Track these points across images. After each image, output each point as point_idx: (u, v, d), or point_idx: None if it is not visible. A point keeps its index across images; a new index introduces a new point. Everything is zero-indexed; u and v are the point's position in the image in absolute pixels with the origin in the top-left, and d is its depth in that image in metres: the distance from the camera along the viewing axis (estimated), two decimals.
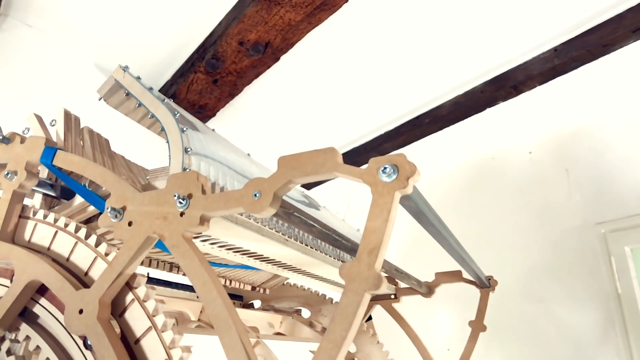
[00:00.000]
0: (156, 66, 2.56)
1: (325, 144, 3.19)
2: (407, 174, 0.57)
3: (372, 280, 0.55)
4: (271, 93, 2.72)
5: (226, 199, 0.65)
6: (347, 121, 2.94)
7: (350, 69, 2.48)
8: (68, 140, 0.95)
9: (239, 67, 2.35)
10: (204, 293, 0.63)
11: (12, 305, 0.75)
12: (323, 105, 2.79)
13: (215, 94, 2.55)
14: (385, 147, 2.98)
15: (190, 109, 2.64)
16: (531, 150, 2.65)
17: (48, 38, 2.31)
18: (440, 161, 3.08)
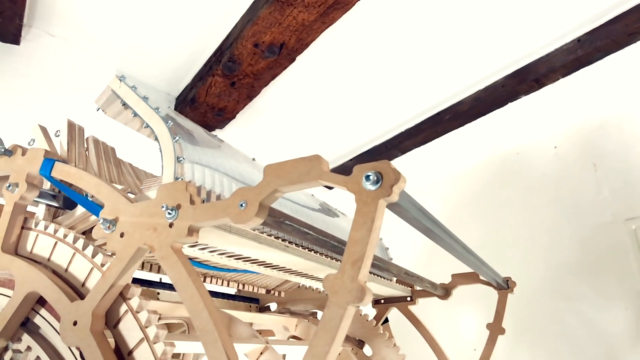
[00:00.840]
0: (176, 71, 2.59)
1: (345, 142, 3.17)
2: (391, 182, 0.55)
3: (356, 292, 0.53)
4: (289, 94, 2.71)
5: (213, 209, 0.64)
6: (367, 119, 2.91)
7: (367, 67, 2.45)
8: (72, 150, 0.96)
9: (256, 69, 2.35)
10: (191, 305, 0.62)
11: (13, 316, 0.76)
12: (342, 104, 2.77)
13: (234, 96, 2.56)
14: (406, 145, 2.94)
15: (210, 112, 2.66)
16: (556, 145, 2.57)
17: (70, 46, 2.36)
18: (462, 158, 3.02)
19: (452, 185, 3.12)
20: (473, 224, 2.88)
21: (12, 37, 2.17)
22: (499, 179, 2.84)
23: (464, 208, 2.99)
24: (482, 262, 1.10)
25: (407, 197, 0.63)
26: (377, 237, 0.55)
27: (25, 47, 2.23)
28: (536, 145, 2.67)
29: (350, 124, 2.97)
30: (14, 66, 2.17)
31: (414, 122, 2.84)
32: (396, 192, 0.55)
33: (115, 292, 0.69)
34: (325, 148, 3.27)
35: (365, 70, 2.48)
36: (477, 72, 2.41)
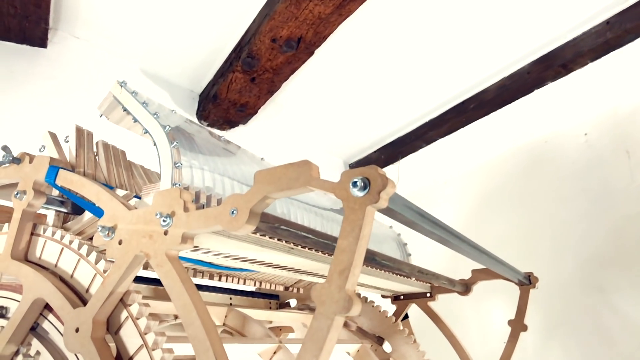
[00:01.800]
0: (198, 68, 2.62)
1: (369, 134, 3.14)
2: (379, 188, 0.53)
3: (343, 303, 0.52)
4: (310, 87, 2.70)
5: (206, 216, 0.64)
6: (390, 110, 2.88)
7: (388, 57, 2.42)
8: (80, 156, 0.97)
9: (274, 64, 2.34)
10: (184, 314, 0.62)
11: (22, 322, 0.77)
12: (364, 95, 2.75)
13: (255, 92, 2.57)
14: (430, 135, 2.90)
15: (232, 108, 2.67)
16: (587, 132, 2.47)
17: (95, 47, 2.41)
18: (488, 147, 2.94)
19: (477, 176, 3.05)
20: (500, 216, 2.82)
21: (39, 41, 2.22)
22: (527, 168, 2.76)
23: (490, 199, 2.92)
24: (497, 260, 1.06)
25: (400, 201, 0.61)
26: (365, 245, 0.54)
27: (52, 50, 2.28)
28: (565, 133, 2.58)
29: (373, 115, 2.95)
30: (42, 69, 2.22)
31: (438, 112, 2.79)
32: (384, 198, 0.53)
33: (115, 299, 0.70)
34: (349, 140, 3.25)
35: (385, 60, 2.45)
36: (502, 59, 2.35)
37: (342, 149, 3.38)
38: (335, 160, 3.45)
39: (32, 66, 2.19)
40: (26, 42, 2.20)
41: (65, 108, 2.19)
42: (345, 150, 3.38)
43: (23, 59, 2.18)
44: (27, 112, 2.08)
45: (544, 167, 2.67)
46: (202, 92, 2.76)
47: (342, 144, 3.32)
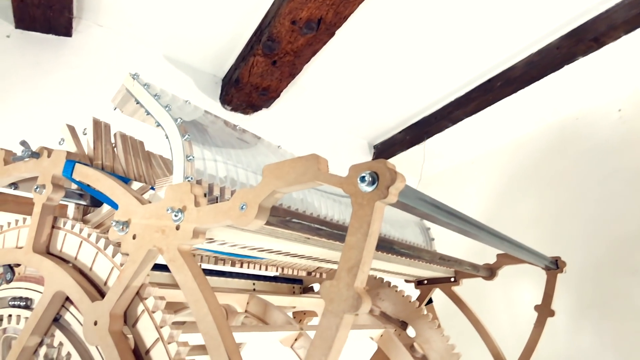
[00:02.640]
0: (220, 52, 2.61)
1: (393, 114, 3.09)
2: (387, 183, 0.51)
3: (352, 301, 0.51)
4: (332, 69, 2.67)
5: (216, 211, 0.63)
6: (415, 89, 2.82)
7: (411, 35, 2.36)
8: (98, 148, 0.98)
9: (295, 47, 2.32)
10: (196, 310, 0.62)
11: (44, 314, 0.79)
12: (387, 75, 2.70)
13: (276, 75, 2.55)
14: (456, 115, 2.83)
15: (255, 92, 2.67)
16: (621, 108, 2.38)
17: (118, 35, 2.43)
18: (517, 126, 2.87)
19: (506, 156, 2.98)
20: (529, 196, 2.75)
21: (64, 30, 2.25)
22: (557, 147, 2.68)
23: (519, 179, 2.86)
24: (521, 246, 1.03)
25: (413, 194, 0.59)
26: (375, 242, 0.52)
27: (77, 38, 2.30)
28: (598, 109, 2.49)
29: (397, 95, 2.90)
30: (67, 58, 2.25)
31: (464, 90, 2.72)
32: (394, 193, 0.52)
33: (131, 293, 0.71)
34: (373, 121, 3.21)
35: (408, 38, 2.39)
36: (530, 34, 2.26)
37: (367, 130, 3.34)
38: (359, 142, 3.42)
39: (57, 55, 2.22)
40: (51, 31, 2.23)
41: (91, 96, 2.22)
42: (370, 131, 3.34)
43: (49, 48, 2.21)
44: (54, 101, 2.12)
45: (575, 145, 2.59)
46: (225, 76, 2.76)
47: (366, 125, 3.28)
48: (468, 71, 2.58)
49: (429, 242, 1.48)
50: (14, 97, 2.02)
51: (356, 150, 3.38)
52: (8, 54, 2.08)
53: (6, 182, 0.97)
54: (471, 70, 2.56)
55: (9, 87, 2.03)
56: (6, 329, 0.90)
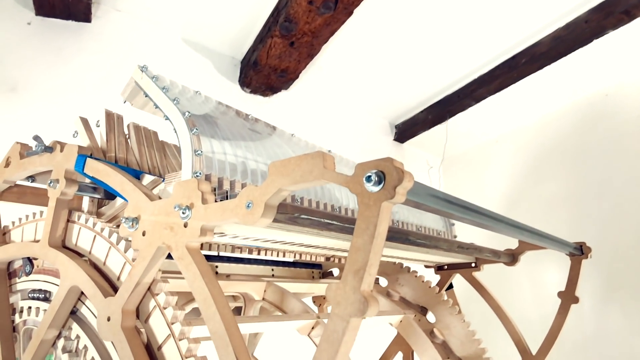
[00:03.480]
0: (238, 34, 2.59)
1: (415, 93, 3.04)
2: (394, 182, 0.49)
3: (358, 305, 0.49)
4: (351, 48, 2.62)
5: (222, 209, 0.62)
6: (436, 67, 2.76)
7: (432, 11, 2.29)
8: (111, 140, 0.98)
9: (313, 27, 2.28)
10: (204, 309, 0.61)
11: (60, 308, 0.80)
12: (407, 53, 2.64)
13: (294, 56, 2.51)
14: (480, 93, 2.76)
15: (273, 74, 2.64)
16: None
17: (137, 19, 2.42)
18: (543, 104, 2.78)
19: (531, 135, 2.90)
20: (555, 175, 2.68)
21: (83, 16, 2.25)
22: (586, 124, 2.59)
23: (545, 158, 2.78)
24: (543, 235, 1.00)
25: (424, 191, 0.57)
26: (382, 244, 0.51)
27: (96, 24, 2.31)
28: (628, 84, 2.39)
29: (418, 73, 2.83)
30: (87, 44, 2.26)
31: (487, 68, 2.65)
32: (401, 193, 0.50)
33: (142, 289, 0.71)
34: (394, 100, 3.16)
35: (429, 15, 2.32)
36: (556, 8, 2.17)
37: (388, 110, 3.29)
38: (381, 122, 3.37)
39: (78, 41, 2.23)
40: (71, 17, 2.23)
41: (113, 81, 2.23)
42: (391, 111, 3.29)
43: (69, 34, 2.21)
44: (77, 87, 2.13)
45: (604, 123, 2.50)
46: (243, 59, 2.74)
47: (387, 105, 3.23)
48: (491, 48, 2.50)
49: (449, 228, 1.45)
50: (36, 84, 2.04)
51: (377, 130, 3.34)
52: (29, 41, 2.09)
53: (22, 175, 0.97)
54: (495, 46, 2.48)
55: (31, 74, 2.05)
56: (26, 320, 0.92)
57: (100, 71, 2.23)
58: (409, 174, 0.50)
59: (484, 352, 1.36)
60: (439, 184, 3.34)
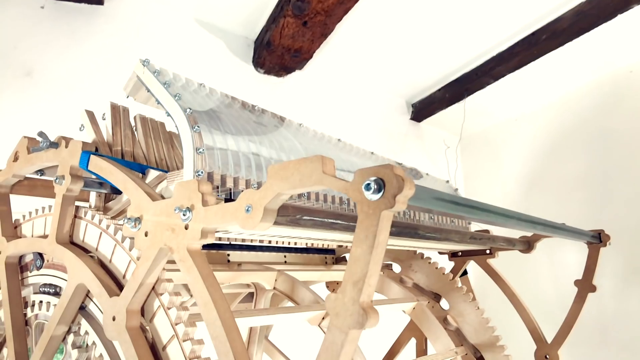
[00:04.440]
0: (251, 14, 2.55)
1: (432, 71, 2.97)
2: (394, 191, 0.47)
3: (357, 317, 0.48)
4: (366, 26, 2.56)
5: (223, 212, 0.61)
6: (454, 44, 2.68)
7: None
8: (117, 134, 0.97)
9: (326, 6, 2.23)
10: (205, 313, 0.61)
11: (68, 305, 0.81)
12: (424, 31, 2.57)
13: (308, 36, 2.47)
14: (498, 71, 2.69)
15: (287, 54, 2.61)
16: None
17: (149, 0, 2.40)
18: (564, 82, 2.69)
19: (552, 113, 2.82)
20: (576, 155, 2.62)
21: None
22: (609, 102, 2.51)
23: (566, 137, 2.71)
24: (557, 227, 0.97)
25: (428, 194, 0.55)
26: (382, 253, 0.49)
27: (109, 6, 2.29)
28: None
29: (435, 51, 2.77)
30: (101, 27, 2.25)
31: (506, 44, 2.57)
32: (402, 202, 0.48)
33: (146, 289, 0.70)
34: (411, 79, 3.10)
35: None
36: None
37: (404, 89, 3.23)
38: (397, 101, 3.32)
39: (91, 24, 2.22)
40: (84, 0, 2.22)
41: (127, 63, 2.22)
42: (408, 89, 3.23)
43: (82, 17, 2.21)
44: (91, 70, 2.13)
45: (628, 101, 2.42)
46: (257, 39, 2.70)
47: (403, 83, 3.17)
48: (511, 24, 2.42)
49: None
50: (51, 69, 2.04)
51: (393, 110, 3.29)
52: (43, 25, 2.09)
53: (31, 170, 0.97)
54: (514, 22, 2.40)
55: (45, 58, 2.05)
56: (38, 315, 0.93)
57: (114, 53, 2.22)
58: (409, 180, 0.48)
59: (498, 339, 1.35)
60: (456, 164, 3.29)
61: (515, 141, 3.03)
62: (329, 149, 1.06)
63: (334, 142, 1.15)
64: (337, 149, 1.12)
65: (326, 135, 1.14)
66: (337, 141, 1.17)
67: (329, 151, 1.04)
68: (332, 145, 1.12)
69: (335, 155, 1.05)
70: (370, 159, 1.24)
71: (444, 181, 1.51)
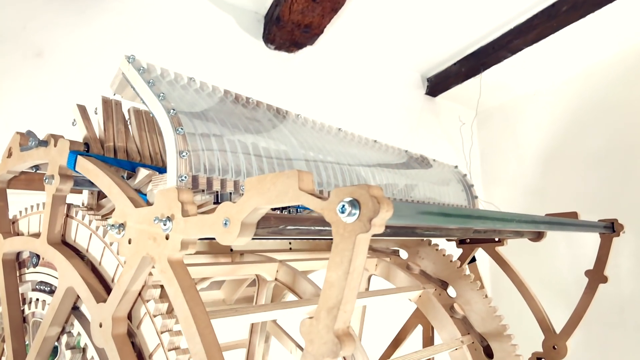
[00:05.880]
0: None
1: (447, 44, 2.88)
2: (370, 214, 0.44)
3: (331, 345, 0.46)
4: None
5: (201, 224, 0.59)
6: (470, 17, 2.58)
7: None
8: (109, 129, 0.95)
9: None
10: (185, 328, 0.59)
11: (60, 307, 0.80)
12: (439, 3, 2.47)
13: (318, 11, 2.40)
14: (516, 44, 2.59)
15: (297, 30, 2.55)
16: None
17: None
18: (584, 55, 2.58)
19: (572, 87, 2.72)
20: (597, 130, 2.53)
21: None
22: (631, 76, 2.40)
23: (587, 113, 2.61)
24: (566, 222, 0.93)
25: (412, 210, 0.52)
26: (358, 279, 0.46)
27: None
28: None
29: (450, 23, 2.67)
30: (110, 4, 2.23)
31: (525, 17, 2.46)
32: (378, 225, 0.45)
33: (132, 297, 0.69)
34: (426, 52, 3.00)
35: None
36: None
37: (419, 63, 3.14)
38: (412, 75, 3.23)
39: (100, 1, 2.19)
40: None
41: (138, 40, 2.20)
42: (423, 63, 3.14)
43: None
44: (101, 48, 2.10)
45: None
46: (266, 14, 2.64)
47: (418, 57, 3.08)
48: None
49: (472, 201, 1.39)
50: (61, 48, 2.02)
51: (408, 84, 3.21)
52: (52, 4, 2.06)
53: (24, 166, 0.96)
54: None
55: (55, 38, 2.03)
56: (35, 312, 0.93)
57: (124, 31, 2.19)
58: (387, 202, 0.45)
59: (505, 329, 1.33)
60: (471, 141, 3.21)
61: (533, 117, 2.94)
62: (328, 142, 1.02)
63: (334, 133, 1.11)
64: (337, 140, 1.08)
65: (326, 126, 1.10)
66: (338, 131, 1.13)
67: (327, 144, 1.00)
68: (332, 137, 1.08)
69: (334, 148, 1.01)
70: (373, 148, 1.20)
71: (452, 167, 1.46)
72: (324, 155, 0.97)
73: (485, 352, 1.37)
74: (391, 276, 1.46)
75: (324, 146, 0.98)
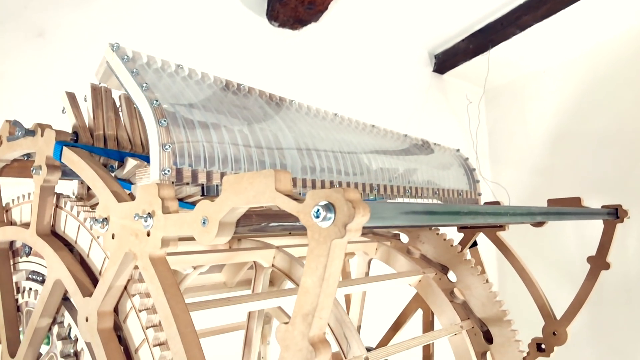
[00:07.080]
0: None
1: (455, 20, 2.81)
2: (345, 220, 0.42)
3: (306, 352, 0.45)
4: None
5: (180, 222, 0.58)
6: None
7: None
8: (98, 117, 0.93)
9: None
10: (166, 326, 0.59)
11: (49, 299, 0.80)
12: None
13: None
14: (525, 20, 2.52)
15: (301, 6, 2.51)
16: None
17: None
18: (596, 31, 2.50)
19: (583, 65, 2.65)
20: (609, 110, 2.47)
21: None
22: None
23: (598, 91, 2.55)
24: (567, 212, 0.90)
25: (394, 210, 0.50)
26: (334, 285, 0.45)
27: None
28: None
29: None
30: None
31: None
32: (354, 230, 0.43)
33: (116, 291, 0.68)
34: (433, 28, 2.94)
35: None
36: None
37: (426, 39, 3.07)
38: (419, 52, 3.17)
39: None
40: None
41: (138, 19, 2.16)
42: (430, 40, 3.08)
43: None
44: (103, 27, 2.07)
45: None
46: None
47: (425, 33, 3.01)
48: None
49: (473, 185, 1.36)
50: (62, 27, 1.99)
51: (415, 61, 3.15)
52: None
53: (14, 155, 0.96)
54: None
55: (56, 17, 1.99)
56: (28, 302, 0.93)
57: (126, 9, 2.15)
58: (363, 206, 0.43)
59: (505, 314, 1.32)
60: (478, 120, 3.16)
61: (542, 95, 2.87)
62: (323, 128, 1.00)
63: (330, 119, 1.08)
64: (333, 126, 1.06)
65: (321, 111, 1.08)
66: (334, 116, 1.10)
67: (322, 131, 0.98)
68: (327, 123, 1.06)
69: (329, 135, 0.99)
70: (370, 134, 1.17)
71: (454, 150, 1.43)
72: (319, 142, 0.94)
73: (484, 337, 1.36)
74: (391, 260, 1.45)
75: (318, 133, 0.96)
